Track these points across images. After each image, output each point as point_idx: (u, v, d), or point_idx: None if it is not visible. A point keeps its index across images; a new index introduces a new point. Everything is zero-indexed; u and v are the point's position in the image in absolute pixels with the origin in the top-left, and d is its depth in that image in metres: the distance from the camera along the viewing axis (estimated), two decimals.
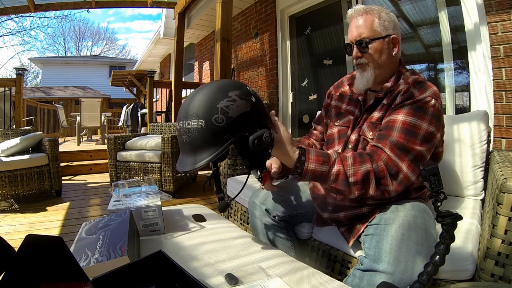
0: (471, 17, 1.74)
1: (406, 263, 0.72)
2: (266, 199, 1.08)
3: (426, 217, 0.81)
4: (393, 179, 0.78)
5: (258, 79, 3.67)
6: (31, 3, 3.85)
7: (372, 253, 0.76)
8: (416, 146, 0.79)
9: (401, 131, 0.81)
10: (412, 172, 0.79)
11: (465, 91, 1.92)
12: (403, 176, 0.78)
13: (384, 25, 0.90)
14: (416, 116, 0.81)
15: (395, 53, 0.92)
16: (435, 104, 0.82)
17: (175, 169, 2.69)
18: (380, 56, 0.90)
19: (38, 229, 1.93)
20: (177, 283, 0.59)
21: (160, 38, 5.93)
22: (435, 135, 0.82)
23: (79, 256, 0.66)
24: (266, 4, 3.46)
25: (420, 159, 0.80)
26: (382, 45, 0.90)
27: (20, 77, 3.99)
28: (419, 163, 0.79)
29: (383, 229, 0.78)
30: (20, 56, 27.79)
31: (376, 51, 0.90)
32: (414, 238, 0.74)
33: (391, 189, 0.78)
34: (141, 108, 5.82)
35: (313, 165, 0.78)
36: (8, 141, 2.61)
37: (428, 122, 0.80)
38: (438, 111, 0.83)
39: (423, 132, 0.80)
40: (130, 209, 0.90)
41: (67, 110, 8.23)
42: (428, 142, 0.81)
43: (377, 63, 0.91)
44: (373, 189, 0.77)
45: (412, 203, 0.84)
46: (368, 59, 0.91)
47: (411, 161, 0.79)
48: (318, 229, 1.04)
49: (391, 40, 0.91)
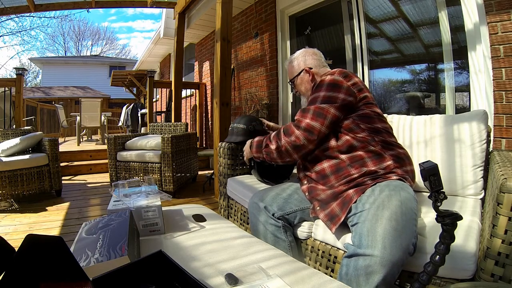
0: (471, 17, 1.74)
1: (383, 241, 0.75)
2: (266, 199, 1.11)
3: (402, 194, 0.86)
4: (299, 128, 1.04)
5: (258, 79, 3.67)
6: (31, 3, 3.84)
7: (354, 239, 0.82)
8: (312, 106, 1.05)
9: (306, 103, 1.13)
10: (315, 121, 1.03)
11: (465, 91, 1.92)
12: (305, 125, 1.03)
13: (298, 65, 1.30)
14: (315, 92, 1.10)
15: (310, 79, 1.26)
16: (330, 78, 1.08)
17: (175, 169, 2.69)
18: (301, 86, 1.30)
19: (38, 229, 1.93)
20: (177, 283, 0.59)
21: (160, 38, 5.93)
22: (334, 96, 1.04)
23: (79, 256, 0.66)
24: (266, 4, 3.46)
25: (321, 111, 1.03)
26: (299, 79, 1.29)
27: (20, 77, 3.99)
28: (323, 114, 1.03)
29: (360, 215, 0.86)
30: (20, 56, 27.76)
31: (298, 84, 1.31)
32: (388, 215, 0.79)
33: (297, 133, 1.04)
34: (141, 108, 5.81)
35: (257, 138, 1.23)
36: (8, 141, 2.61)
37: (324, 90, 1.06)
38: (333, 80, 1.07)
39: (320, 98, 1.05)
40: (130, 209, 0.90)
41: (67, 110, 8.23)
42: (329, 100, 1.04)
43: (302, 92, 1.30)
44: (284, 139, 1.07)
45: (386, 183, 0.92)
46: (298, 91, 1.33)
47: (312, 114, 1.04)
48: (317, 229, 1.04)
49: (305, 72, 1.27)
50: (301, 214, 1.09)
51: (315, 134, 1.02)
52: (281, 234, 1.05)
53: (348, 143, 1.02)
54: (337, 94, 1.04)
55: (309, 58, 1.29)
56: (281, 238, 1.05)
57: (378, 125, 1.06)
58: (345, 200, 0.94)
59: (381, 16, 2.44)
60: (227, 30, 2.53)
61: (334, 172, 1.02)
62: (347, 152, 1.02)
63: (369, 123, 1.05)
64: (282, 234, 1.06)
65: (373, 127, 1.05)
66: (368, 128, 1.04)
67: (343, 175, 1.00)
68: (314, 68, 1.27)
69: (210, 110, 4.98)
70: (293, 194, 1.13)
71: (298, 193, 1.14)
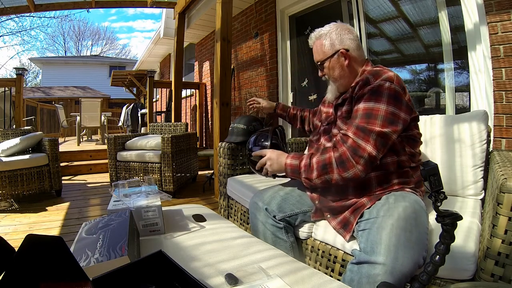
0: (471, 17, 1.73)
1: (396, 251, 0.73)
2: (267, 199, 1.10)
3: (416, 208, 0.83)
4: (360, 159, 0.86)
5: (258, 79, 3.67)
6: (31, 3, 3.84)
7: (365, 246, 0.78)
8: (376, 127, 0.86)
9: (362, 116, 0.89)
10: (378, 151, 0.86)
11: (465, 91, 1.92)
12: (369, 156, 0.85)
13: (331, 44, 1.05)
14: (373, 100, 0.89)
15: (347, 64, 1.04)
16: (390, 85, 0.89)
17: (175, 169, 2.69)
18: (334, 72, 1.06)
19: (38, 229, 1.93)
20: (177, 283, 0.59)
21: (160, 38, 5.93)
22: (396, 114, 0.88)
23: (79, 256, 0.66)
24: (266, 4, 3.46)
25: (385, 139, 0.87)
26: (332, 63, 1.06)
27: (20, 77, 3.99)
28: (385, 143, 0.87)
29: (373, 222, 0.81)
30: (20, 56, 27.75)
31: (329, 68, 1.07)
32: (403, 226, 0.76)
33: (359, 168, 0.86)
34: (141, 108, 5.81)
35: (289, 160, 0.99)
36: (8, 141, 2.61)
37: (385, 103, 0.87)
38: (394, 92, 0.89)
39: (382, 113, 0.87)
40: (130, 209, 0.90)
41: (67, 110, 8.22)
42: (391, 122, 0.87)
43: (333, 78, 1.08)
44: (337, 173, 0.88)
45: (402, 194, 0.88)
46: (327, 75, 1.09)
47: (376, 141, 0.86)
48: (317, 229, 1.04)
49: (340, 55, 1.04)
50: (302, 217, 1.07)
51: (374, 164, 0.89)
52: (282, 234, 1.05)
53: (386, 166, 0.93)
54: (399, 112, 0.88)
55: (346, 38, 1.04)
56: (282, 239, 1.05)
57: (417, 149, 1.01)
58: (357, 206, 0.92)
59: (381, 16, 2.44)
60: (227, 30, 2.53)
61: (357, 188, 0.94)
62: (377, 170, 0.93)
63: (413, 148, 0.98)
64: (284, 234, 1.05)
65: (413, 152, 0.98)
66: (410, 152, 0.97)
67: (364, 191, 0.94)
68: (351, 51, 1.04)
69: (210, 110, 4.98)
70: (294, 194, 1.12)
71: (299, 194, 1.12)
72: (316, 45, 1.09)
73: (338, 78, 1.06)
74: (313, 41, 1.10)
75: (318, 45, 1.08)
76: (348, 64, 1.04)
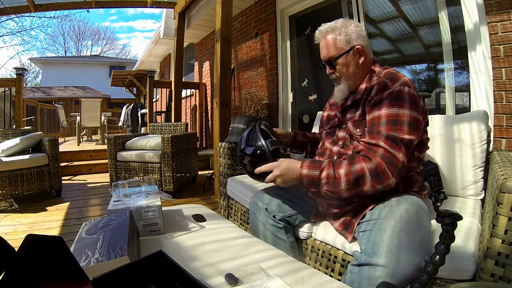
0: (471, 17, 1.73)
1: (398, 254, 0.72)
2: (267, 199, 1.10)
3: (419, 210, 0.83)
4: (394, 170, 0.82)
5: (258, 79, 3.67)
6: (31, 3, 3.84)
7: (365, 247, 0.78)
8: (405, 134, 0.84)
9: (387, 123, 0.86)
10: (407, 159, 0.85)
11: (465, 91, 1.92)
12: (401, 166, 0.83)
13: (346, 40, 0.98)
14: (397, 106, 0.86)
15: (362, 62, 0.99)
16: (409, 90, 0.87)
17: (175, 169, 2.69)
18: (348, 69, 0.99)
19: (38, 229, 1.93)
20: (177, 283, 0.59)
21: (160, 38, 5.93)
22: (419, 119, 0.87)
23: (79, 256, 0.66)
24: (266, 4, 3.46)
25: (410, 145, 0.86)
26: (347, 59, 0.99)
27: (20, 77, 3.99)
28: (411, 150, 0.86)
29: (374, 223, 0.81)
30: (20, 56, 27.76)
31: (343, 65, 0.99)
32: (406, 229, 0.76)
33: (392, 180, 0.82)
34: (141, 108, 5.81)
35: (306, 170, 0.88)
36: (8, 141, 2.61)
37: (408, 109, 0.85)
38: (413, 97, 0.87)
39: (407, 118, 0.85)
40: (130, 209, 0.90)
41: (67, 110, 8.22)
42: (416, 129, 0.86)
43: (347, 75, 1.00)
44: (370, 186, 0.82)
45: (404, 196, 0.87)
46: (339, 74, 1.01)
47: (405, 149, 0.84)
48: (317, 229, 1.04)
49: (356, 51, 0.98)
50: (302, 217, 1.07)
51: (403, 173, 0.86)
52: (282, 234, 1.05)
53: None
54: (420, 116, 0.87)
55: (361, 34, 0.99)
56: (282, 239, 1.05)
57: (424, 154, 1.00)
58: (359, 207, 0.91)
59: (381, 16, 2.44)
60: (227, 30, 2.53)
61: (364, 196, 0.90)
62: None
63: (421, 153, 0.97)
64: (283, 234, 1.05)
65: (421, 157, 0.97)
66: (418, 158, 0.96)
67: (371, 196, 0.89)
68: (365, 48, 0.99)
69: (210, 110, 4.98)
70: (294, 194, 1.11)
71: (299, 194, 1.12)
72: (327, 40, 1.00)
73: (351, 76, 1.00)
74: (322, 35, 1.01)
75: (330, 40, 0.99)
76: (363, 62, 0.99)
